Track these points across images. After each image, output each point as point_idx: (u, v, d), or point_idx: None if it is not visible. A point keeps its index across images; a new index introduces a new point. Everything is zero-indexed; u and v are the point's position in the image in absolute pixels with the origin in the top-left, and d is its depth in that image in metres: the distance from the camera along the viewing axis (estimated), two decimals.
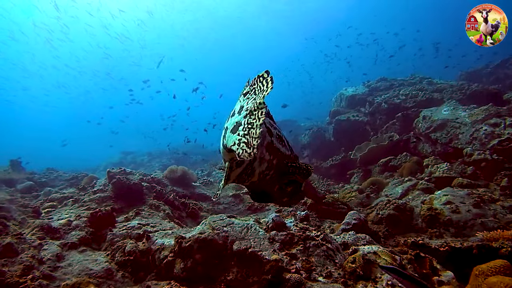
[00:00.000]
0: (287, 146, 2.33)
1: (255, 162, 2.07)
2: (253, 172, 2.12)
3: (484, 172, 8.12)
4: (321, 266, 4.18)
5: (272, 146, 2.15)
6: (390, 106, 12.13)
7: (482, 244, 3.02)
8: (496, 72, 15.41)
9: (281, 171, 2.27)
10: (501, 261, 2.51)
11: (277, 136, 2.22)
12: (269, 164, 2.16)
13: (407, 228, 6.82)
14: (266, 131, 2.11)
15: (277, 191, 2.40)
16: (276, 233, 4.57)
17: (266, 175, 2.20)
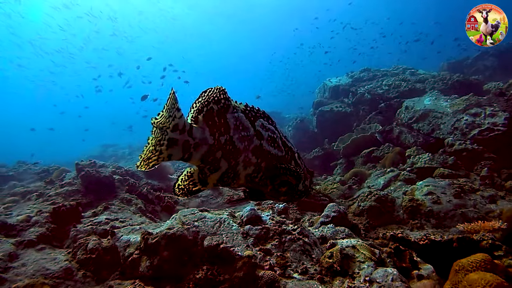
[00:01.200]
0: (282, 147, 2.30)
1: (238, 166, 2.09)
2: (237, 176, 2.14)
3: (465, 162, 8.06)
4: (296, 262, 3.95)
5: (260, 149, 2.16)
6: (373, 97, 12.00)
7: (462, 237, 2.85)
8: (476, 63, 15.49)
9: (271, 173, 2.27)
10: (482, 255, 2.33)
11: (268, 138, 2.20)
12: (256, 168, 2.18)
13: (388, 219, 6.68)
14: (254, 134, 2.12)
15: (270, 191, 2.40)
16: (251, 228, 4.32)
17: (254, 177, 2.22)
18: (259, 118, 2.20)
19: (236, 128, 2.07)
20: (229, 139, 2.04)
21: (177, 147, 1.91)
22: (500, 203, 6.40)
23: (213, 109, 2.00)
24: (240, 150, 2.08)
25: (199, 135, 1.95)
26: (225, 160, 2.05)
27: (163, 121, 1.87)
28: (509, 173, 7.32)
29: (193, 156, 1.97)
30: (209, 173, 2.05)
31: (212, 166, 2.04)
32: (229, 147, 2.05)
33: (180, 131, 1.90)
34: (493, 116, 8.23)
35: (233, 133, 2.05)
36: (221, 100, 2.02)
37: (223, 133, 2.02)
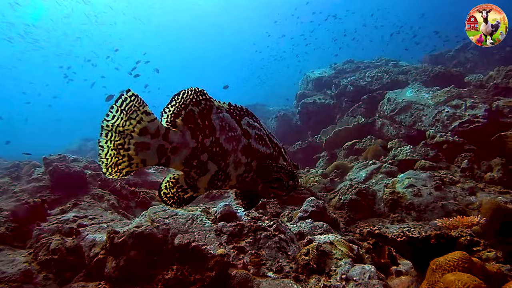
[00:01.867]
0: (269, 144, 2.29)
1: (228, 167, 2.08)
2: (228, 177, 2.12)
3: (446, 154, 8.04)
4: (271, 260, 3.78)
5: (249, 149, 2.15)
6: (356, 89, 11.90)
7: (440, 233, 2.73)
8: (458, 55, 15.56)
9: (262, 171, 2.25)
10: (459, 254, 2.20)
11: (256, 136, 2.19)
12: (247, 167, 2.16)
13: (369, 213, 6.60)
14: (241, 134, 2.11)
15: (261, 189, 2.40)
16: (225, 224, 4.12)
17: (245, 177, 2.20)
18: (244, 117, 2.19)
19: (223, 128, 2.03)
20: (216, 140, 2.00)
21: (149, 151, 1.84)
22: (479, 195, 6.38)
23: (194, 111, 1.95)
24: (229, 151, 2.06)
25: (177, 139, 1.90)
26: (213, 163, 2.02)
27: (121, 124, 1.78)
28: (489, 164, 7.32)
29: (172, 160, 1.91)
30: (197, 177, 2.02)
31: (199, 169, 2.00)
32: (216, 149, 2.01)
33: (152, 135, 1.83)
34: (473, 108, 8.22)
35: (219, 134, 2.01)
36: (201, 102, 1.98)
37: (208, 135, 1.98)
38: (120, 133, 1.79)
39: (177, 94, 1.95)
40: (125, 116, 1.78)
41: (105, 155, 1.81)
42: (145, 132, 1.82)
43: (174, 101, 1.94)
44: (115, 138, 1.80)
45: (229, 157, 2.06)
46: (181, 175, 2.01)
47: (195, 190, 2.05)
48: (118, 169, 1.81)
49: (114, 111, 1.78)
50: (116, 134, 1.79)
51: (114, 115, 1.78)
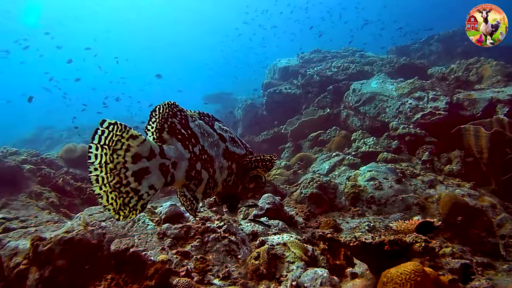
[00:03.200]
0: (241, 145, 2.34)
1: (215, 173, 2.08)
2: (216, 184, 2.13)
3: (408, 146, 8.03)
4: (219, 265, 3.46)
5: (228, 152, 2.18)
6: (322, 79, 11.71)
7: (394, 239, 2.53)
8: (423, 48, 15.78)
9: (241, 172, 2.29)
10: (412, 266, 1.98)
11: (230, 139, 2.23)
12: (229, 171, 2.19)
13: (330, 207, 6.44)
14: (218, 139, 2.13)
15: (240, 191, 2.42)
16: (169, 226, 3.75)
17: (229, 181, 2.23)
18: (215, 122, 2.23)
19: (203, 135, 2.04)
20: (202, 148, 2.01)
21: (151, 174, 1.72)
22: (438, 188, 6.38)
23: (175, 123, 1.93)
24: (213, 157, 2.07)
25: (173, 153, 1.84)
26: (205, 171, 2.01)
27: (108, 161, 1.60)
28: (448, 157, 7.36)
29: (176, 176, 1.85)
30: (195, 188, 2.00)
31: (196, 180, 1.98)
32: (205, 156, 2.01)
33: (147, 158, 1.72)
34: (435, 100, 8.23)
35: (203, 141, 2.02)
36: (177, 113, 1.96)
37: (195, 143, 1.98)
38: (111, 171, 1.61)
39: (153, 110, 1.90)
40: (109, 151, 1.60)
41: (107, 200, 1.62)
42: (139, 157, 1.69)
43: (153, 118, 1.88)
44: (109, 179, 1.61)
45: (214, 163, 2.07)
46: (184, 190, 1.95)
47: (197, 201, 2.02)
48: (130, 208, 1.66)
49: (94, 149, 1.59)
50: (107, 174, 1.60)
51: (96, 155, 1.59)
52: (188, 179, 1.93)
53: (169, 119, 1.92)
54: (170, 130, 1.90)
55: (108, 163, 1.60)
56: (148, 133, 1.87)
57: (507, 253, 5.11)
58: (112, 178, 1.62)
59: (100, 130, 1.60)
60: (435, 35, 15.85)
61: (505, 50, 13.88)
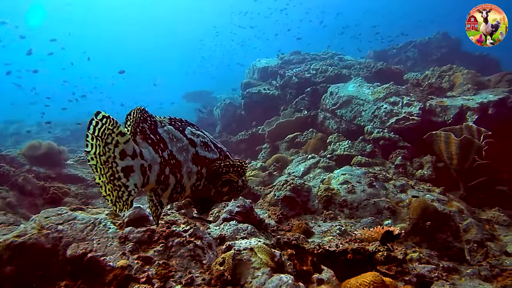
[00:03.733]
0: (214, 149, 2.34)
1: (182, 179, 2.09)
2: (183, 188, 2.14)
3: (382, 150, 8.13)
4: (182, 271, 3.33)
5: (197, 157, 2.19)
6: (301, 80, 11.71)
7: (357, 248, 2.50)
8: (400, 53, 16.11)
9: (212, 176, 2.29)
10: (371, 277, 1.95)
11: (201, 143, 2.25)
12: (198, 175, 2.20)
13: (303, 209, 6.40)
14: (188, 143, 2.15)
15: (214, 194, 2.43)
16: (132, 230, 3.58)
17: (198, 186, 2.24)
18: (186, 127, 2.24)
19: (171, 140, 2.07)
20: (170, 153, 2.02)
21: (135, 173, 1.76)
22: (410, 192, 6.46)
23: (145, 128, 1.96)
24: (181, 162, 2.08)
25: (149, 156, 1.87)
26: (172, 176, 2.02)
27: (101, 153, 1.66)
28: (420, 162, 7.49)
29: (150, 178, 1.87)
30: (162, 193, 2.00)
31: (164, 184, 1.99)
32: (173, 161, 2.03)
33: (131, 156, 1.76)
34: (409, 105, 8.37)
35: (170, 146, 2.04)
36: (147, 118, 1.98)
37: (164, 148, 1.99)
38: (105, 163, 1.68)
39: (128, 114, 1.94)
40: (102, 143, 1.66)
41: (106, 191, 1.70)
42: (124, 155, 1.73)
43: (128, 121, 1.92)
44: (104, 170, 1.69)
45: (182, 168, 2.09)
46: (152, 194, 1.97)
47: (161, 206, 2.03)
48: (123, 202, 1.71)
49: (90, 139, 1.66)
50: (102, 166, 1.68)
51: (92, 144, 1.66)
52: (157, 183, 1.95)
53: (141, 124, 1.94)
54: (141, 135, 1.93)
55: (102, 155, 1.66)
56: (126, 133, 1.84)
57: (472, 258, 5.22)
58: (106, 170, 1.68)
59: (94, 121, 1.65)
60: (412, 41, 16.22)
61: (477, 59, 14.38)
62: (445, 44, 15.50)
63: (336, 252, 2.54)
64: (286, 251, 3.86)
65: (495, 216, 6.19)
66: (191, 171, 2.15)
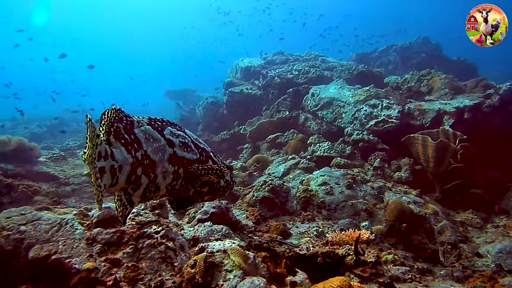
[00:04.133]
0: (195, 150, 2.34)
1: (156, 178, 2.10)
2: (158, 188, 2.14)
3: (362, 152, 8.18)
4: (152, 273, 3.23)
5: (175, 157, 2.20)
6: (283, 81, 11.70)
7: (326, 252, 2.47)
8: (381, 57, 16.33)
9: (190, 176, 2.28)
10: (339, 281, 1.92)
11: (180, 144, 2.25)
12: (175, 175, 2.21)
13: (282, 210, 6.37)
14: (165, 144, 2.15)
15: (193, 194, 2.42)
16: (101, 231, 3.46)
17: (174, 185, 2.25)
18: (166, 127, 2.24)
19: (147, 141, 2.07)
20: (144, 153, 2.03)
21: (106, 174, 1.82)
22: (387, 194, 6.52)
23: (120, 128, 1.96)
24: (156, 162, 2.09)
25: (120, 157, 1.90)
26: (145, 176, 2.04)
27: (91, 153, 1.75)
28: (398, 164, 7.58)
29: (119, 179, 1.91)
30: (133, 192, 2.03)
31: (135, 184, 2.01)
32: (146, 161, 2.04)
33: (104, 158, 1.82)
34: (388, 108, 8.46)
35: (145, 147, 2.05)
36: (123, 118, 1.99)
37: (137, 148, 2.01)
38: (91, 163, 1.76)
39: (103, 113, 1.95)
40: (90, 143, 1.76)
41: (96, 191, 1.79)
42: (100, 156, 1.80)
43: (103, 121, 1.94)
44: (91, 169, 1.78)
45: (157, 168, 2.09)
46: (121, 194, 1.99)
47: (131, 205, 2.05)
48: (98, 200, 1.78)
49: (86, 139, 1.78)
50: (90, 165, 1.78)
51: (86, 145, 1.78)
52: (127, 183, 1.97)
53: (115, 124, 1.95)
54: (115, 135, 1.95)
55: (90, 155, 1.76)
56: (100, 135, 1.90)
57: (445, 259, 5.29)
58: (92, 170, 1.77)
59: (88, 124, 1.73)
60: (394, 45, 16.47)
61: (456, 64, 14.73)
62: (426, 48, 15.82)
63: (307, 255, 2.50)
64: (261, 253, 3.80)
65: (469, 218, 6.31)
66: (166, 171, 2.16)
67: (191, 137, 2.39)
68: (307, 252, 2.51)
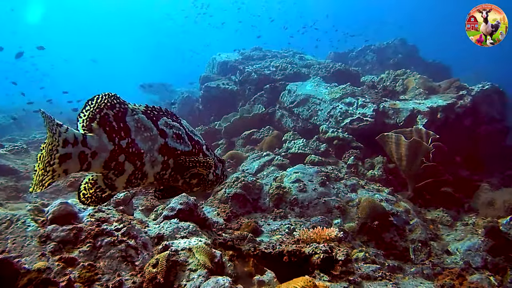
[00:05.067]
0: (188, 142, 2.37)
1: (144, 166, 2.14)
2: (145, 175, 2.18)
3: (336, 150, 8.16)
4: (111, 273, 3.02)
5: (166, 147, 2.23)
6: (260, 77, 11.56)
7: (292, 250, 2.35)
8: (359, 56, 16.47)
9: (180, 168, 2.32)
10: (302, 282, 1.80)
11: (173, 135, 2.28)
12: (164, 165, 2.24)
13: (254, 207, 6.25)
14: (157, 134, 2.18)
15: (182, 185, 2.48)
16: (56, 228, 3.20)
17: (163, 175, 2.28)
18: (162, 117, 2.26)
19: (138, 129, 2.09)
20: (131, 141, 2.06)
21: (71, 160, 1.86)
22: (360, 192, 6.51)
23: (108, 115, 1.99)
24: (144, 151, 2.12)
25: (95, 143, 1.93)
26: (129, 163, 2.07)
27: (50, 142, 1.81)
28: (372, 162, 7.60)
29: (93, 164, 1.94)
30: (115, 178, 2.06)
31: (117, 170, 2.04)
32: (132, 149, 2.06)
33: (72, 144, 1.85)
34: (363, 107, 8.49)
35: (135, 135, 2.07)
36: (115, 105, 2.01)
37: (124, 136, 2.03)
38: (49, 151, 1.80)
39: (91, 99, 1.97)
40: (50, 132, 1.79)
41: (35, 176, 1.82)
42: (67, 143, 1.82)
43: (88, 106, 1.96)
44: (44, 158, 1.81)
45: (144, 156, 2.12)
46: (99, 176, 2.04)
47: (113, 189, 2.10)
48: (41, 184, 1.80)
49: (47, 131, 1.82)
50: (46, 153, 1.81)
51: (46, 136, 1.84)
52: (106, 169, 2.00)
53: (104, 110, 1.97)
54: (101, 121, 1.96)
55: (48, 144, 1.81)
56: (80, 119, 1.95)
57: (416, 257, 5.33)
58: (46, 157, 1.81)
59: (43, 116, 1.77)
60: (371, 46, 16.64)
61: (431, 66, 15.04)
62: (402, 50, 16.05)
63: (272, 254, 2.37)
64: (228, 251, 3.65)
65: (439, 217, 6.40)
66: (155, 160, 2.19)
67: (186, 129, 2.43)
68: (272, 251, 2.39)
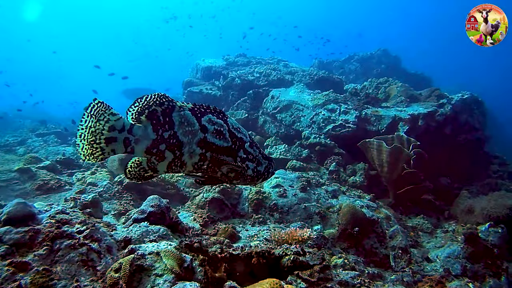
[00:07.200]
0: (228, 138, 2.60)
1: (183, 156, 2.50)
2: (184, 164, 2.55)
3: (318, 156, 8.10)
4: (68, 279, 2.78)
5: (204, 141, 2.51)
6: (244, 82, 11.46)
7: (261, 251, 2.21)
8: (343, 65, 16.64)
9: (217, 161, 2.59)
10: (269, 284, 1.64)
11: (214, 131, 2.54)
12: (201, 157, 2.54)
13: (232, 213, 6.05)
14: (198, 129, 2.49)
15: (222, 176, 2.72)
16: (10, 230, 2.94)
17: (201, 165, 2.59)
18: (207, 114, 2.56)
19: (181, 124, 2.45)
20: (173, 134, 2.44)
21: (117, 143, 2.38)
22: (340, 198, 6.42)
23: (156, 111, 2.42)
24: (184, 143, 2.47)
25: (140, 132, 2.41)
26: (169, 151, 2.46)
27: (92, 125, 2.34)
28: (353, 169, 7.55)
29: (136, 149, 2.42)
30: (157, 162, 2.49)
31: (158, 156, 2.46)
32: (173, 140, 2.45)
33: (119, 131, 2.37)
34: (346, 113, 8.47)
35: (177, 128, 2.44)
36: (164, 103, 2.43)
37: (167, 129, 2.43)
38: (92, 132, 2.34)
39: (140, 98, 2.40)
40: (95, 119, 2.33)
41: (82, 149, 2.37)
42: (113, 128, 2.36)
43: (137, 103, 2.40)
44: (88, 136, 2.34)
45: (183, 148, 2.46)
46: (144, 160, 2.48)
47: (155, 172, 2.53)
48: (94, 156, 2.38)
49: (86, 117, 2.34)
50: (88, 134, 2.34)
51: (86, 120, 2.34)
52: (148, 154, 2.45)
53: (152, 107, 2.40)
54: (149, 115, 2.40)
55: (91, 127, 2.32)
56: (129, 113, 2.41)
57: (396, 264, 5.23)
58: (90, 137, 2.34)
59: (92, 104, 2.31)
60: (355, 55, 16.86)
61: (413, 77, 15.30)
62: (385, 60, 16.31)
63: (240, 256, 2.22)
64: (199, 256, 3.45)
65: (420, 224, 6.36)
66: (194, 151, 2.50)
67: (230, 126, 2.64)
68: (241, 253, 2.23)
